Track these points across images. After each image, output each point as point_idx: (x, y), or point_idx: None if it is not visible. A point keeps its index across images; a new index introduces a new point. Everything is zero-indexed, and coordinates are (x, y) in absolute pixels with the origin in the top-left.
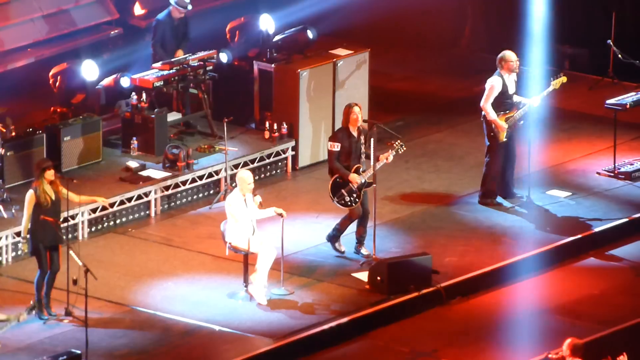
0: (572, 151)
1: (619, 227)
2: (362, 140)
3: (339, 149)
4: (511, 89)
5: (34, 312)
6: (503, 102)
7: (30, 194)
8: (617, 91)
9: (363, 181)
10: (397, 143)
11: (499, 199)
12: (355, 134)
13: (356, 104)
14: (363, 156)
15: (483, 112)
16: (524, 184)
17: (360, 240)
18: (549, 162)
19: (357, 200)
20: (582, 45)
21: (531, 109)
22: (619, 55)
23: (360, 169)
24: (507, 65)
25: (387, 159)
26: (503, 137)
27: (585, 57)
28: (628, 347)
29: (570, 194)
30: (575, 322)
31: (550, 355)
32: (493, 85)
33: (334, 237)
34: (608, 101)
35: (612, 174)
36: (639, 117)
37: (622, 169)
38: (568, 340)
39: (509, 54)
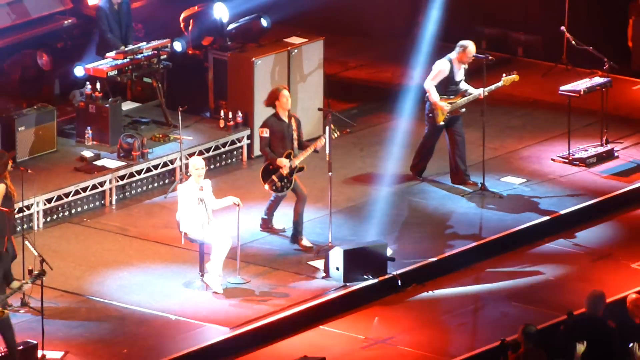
0: (526, 138)
1: (574, 213)
2: (294, 127)
3: (268, 135)
4: (458, 76)
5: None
6: (448, 88)
7: (3, 187)
8: (571, 78)
9: (294, 166)
10: (329, 127)
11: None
12: (285, 118)
13: (285, 87)
14: (295, 142)
15: (426, 93)
16: (478, 170)
17: (296, 228)
18: (504, 148)
19: (288, 185)
20: (535, 32)
21: (476, 99)
22: (573, 42)
23: (292, 155)
24: (464, 57)
25: (318, 144)
26: (441, 120)
27: (539, 43)
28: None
29: (525, 180)
30: (530, 308)
31: (506, 341)
32: (441, 69)
33: (295, 234)
34: (562, 88)
35: (566, 161)
36: (593, 104)
37: (577, 155)
38: (523, 327)
39: (471, 48)
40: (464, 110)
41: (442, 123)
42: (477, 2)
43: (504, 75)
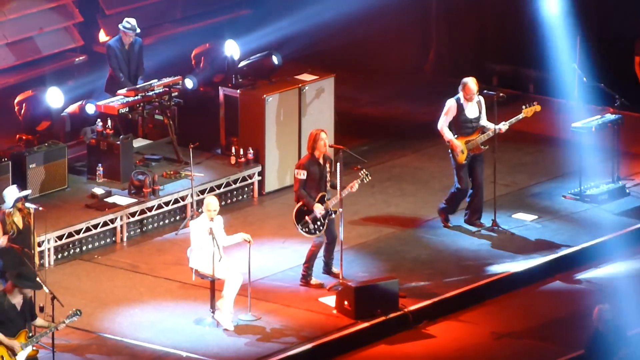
0: (538, 174)
1: (586, 251)
2: (328, 168)
3: (305, 177)
4: (471, 114)
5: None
6: (462, 126)
7: None
8: (582, 115)
9: (328, 211)
10: (362, 172)
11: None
12: (321, 161)
13: (322, 130)
14: (328, 184)
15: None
16: (490, 207)
17: (327, 264)
18: (515, 185)
19: (321, 228)
20: (546, 68)
21: (497, 133)
22: (584, 79)
23: (325, 197)
24: (465, 94)
25: (352, 188)
26: (462, 158)
27: (550, 80)
28: None
29: (536, 217)
30: (543, 344)
31: None
32: (449, 108)
33: (304, 277)
34: (573, 124)
35: (578, 197)
36: (605, 140)
37: (588, 192)
38: None
39: (470, 85)
40: (486, 147)
41: (465, 162)
42: (488, 38)
43: (524, 106)
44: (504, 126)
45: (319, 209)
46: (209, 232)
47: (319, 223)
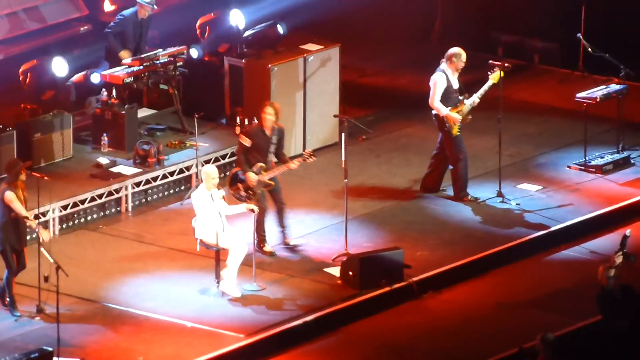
0: (542, 145)
1: (590, 221)
2: (275, 141)
3: (247, 144)
4: (455, 84)
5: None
6: (449, 98)
7: (11, 193)
8: (587, 84)
9: (262, 181)
10: (306, 152)
11: (474, 193)
12: (268, 132)
13: (272, 103)
14: (271, 156)
15: (434, 111)
16: (495, 177)
17: (282, 233)
18: (520, 155)
19: (251, 197)
20: (552, 39)
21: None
22: (589, 49)
23: (263, 168)
24: (457, 65)
25: (288, 166)
26: (456, 131)
27: (555, 50)
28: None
29: (541, 187)
30: (548, 315)
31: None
32: (436, 81)
33: (258, 243)
34: (578, 94)
35: (582, 168)
36: (609, 111)
37: (593, 162)
38: (541, 335)
39: (464, 55)
40: (470, 117)
41: (458, 133)
42: (494, 8)
43: (489, 72)
44: (477, 98)
45: (250, 177)
46: (222, 198)
47: (249, 191)
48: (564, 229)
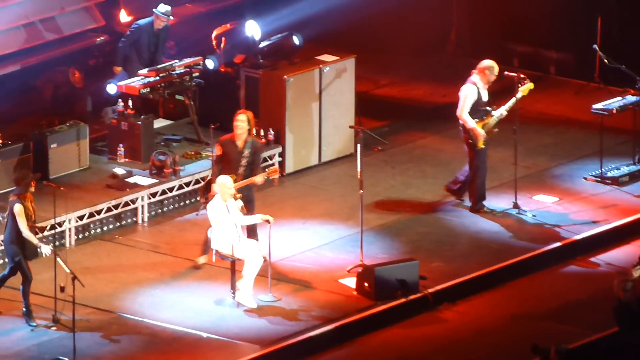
0: (558, 156)
1: (606, 232)
2: (247, 154)
3: (219, 154)
4: (485, 97)
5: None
6: (478, 110)
7: (20, 207)
8: (603, 96)
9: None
10: (270, 169)
11: (490, 205)
12: (239, 144)
13: (244, 111)
14: (242, 169)
15: (461, 121)
16: (511, 189)
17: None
18: (536, 167)
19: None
20: (567, 50)
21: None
22: (605, 60)
23: (233, 180)
24: (489, 77)
25: (253, 181)
26: (481, 144)
27: (571, 61)
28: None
29: (557, 199)
30: (562, 327)
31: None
32: (467, 94)
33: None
34: (594, 106)
35: (598, 179)
36: (625, 122)
37: (609, 174)
38: (555, 346)
39: (496, 68)
40: (496, 130)
41: (483, 147)
42: (509, 19)
43: (518, 85)
44: (504, 111)
45: (213, 188)
46: (240, 209)
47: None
48: (580, 241)
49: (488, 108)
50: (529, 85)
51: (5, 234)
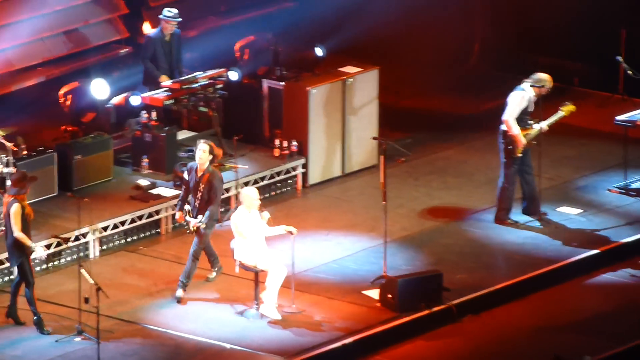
0: (582, 168)
1: (631, 244)
2: (201, 186)
3: (184, 178)
4: (531, 108)
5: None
6: (522, 119)
7: (17, 207)
8: (626, 108)
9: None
10: (194, 225)
11: (513, 217)
12: (199, 173)
13: (204, 142)
14: (197, 202)
15: (503, 126)
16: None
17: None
18: (560, 178)
19: (189, 231)
20: (591, 61)
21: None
22: (629, 72)
23: (187, 208)
24: (541, 90)
25: (195, 225)
26: (519, 152)
27: (595, 73)
28: None
29: (581, 210)
30: (588, 339)
31: None
32: (519, 101)
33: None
34: (618, 117)
35: (623, 191)
36: None
37: (633, 186)
38: (579, 358)
39: (550, 84)
40: (535, 142)
41: (520, 154)
42: (533, 31)
43: (561, 106)
44: (546, 125)
45: (177, 216)
46: (267, 222)
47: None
48: (604, 253)
49: (530, 120)
50: (571, 107)
51: (8, 238)
